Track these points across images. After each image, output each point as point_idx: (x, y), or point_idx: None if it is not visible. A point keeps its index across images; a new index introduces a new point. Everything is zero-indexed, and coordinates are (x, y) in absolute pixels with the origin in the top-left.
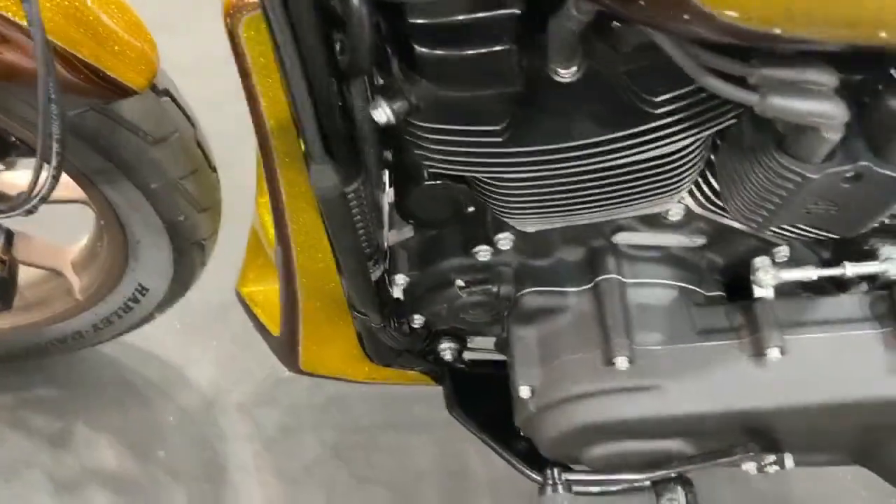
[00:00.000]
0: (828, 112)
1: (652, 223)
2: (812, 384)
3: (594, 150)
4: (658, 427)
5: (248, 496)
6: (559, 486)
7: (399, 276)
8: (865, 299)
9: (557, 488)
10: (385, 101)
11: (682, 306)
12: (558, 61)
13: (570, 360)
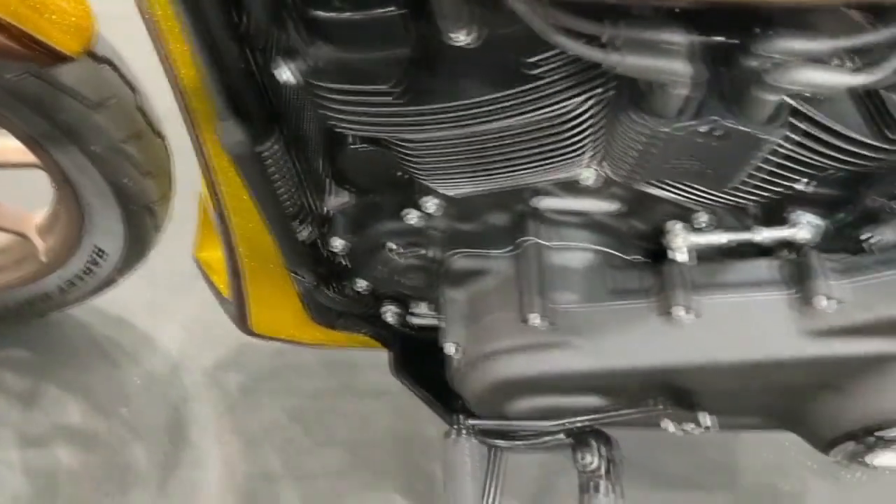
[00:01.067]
0: (677, 70)
1: (569, 189)
2: (718, 344)
3: (480, 111)
4: (572, 382)
5: (206, 454)
6: (464, 431)
7: (337, 239)
8: (775, 264)
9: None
10: (285, 62)
11: (598, 269)
12: (447, 25)
13: (492, 318)
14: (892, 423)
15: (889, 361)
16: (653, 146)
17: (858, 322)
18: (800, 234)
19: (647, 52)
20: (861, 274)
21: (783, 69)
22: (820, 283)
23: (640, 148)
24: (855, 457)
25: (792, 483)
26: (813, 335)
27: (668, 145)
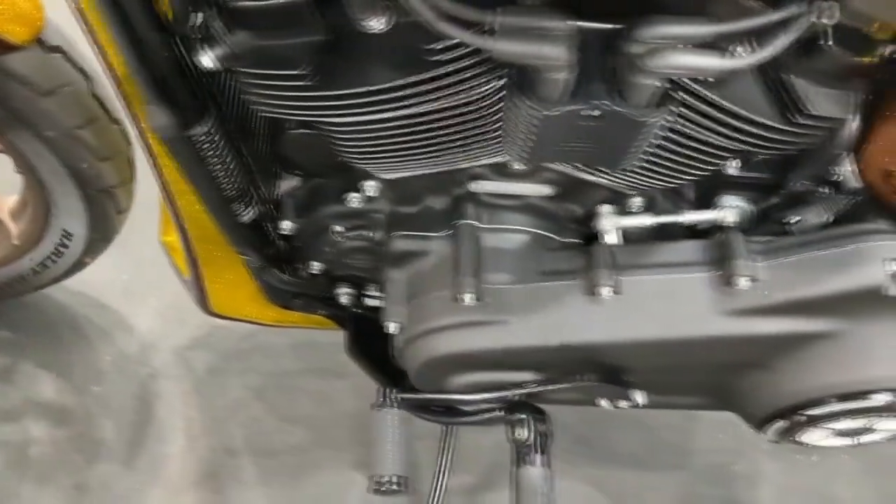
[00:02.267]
0: (552, 54)
1: (501, 172)
2: (640, 322)
3: (390, 97)
4: (503, 358)
5: (171, 429)
6: (391, 403)
7: (285, 222)
8: (701, 245)
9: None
10: (205, 49)
11: (531, 250)
12: (356, 12)
13: (429, 297)
14: (818, 402)
15: (810, 340)
16: (540, 129)
17: (777, 302)
18: (726, 216)
19: (523, 38)
20: (781, 255)
21: (658, 54)
22: (740, 263)
23: (529, 131)
24: (786, 435)
25: (745, 464)
26: (733, 314)
27: (553, 128)
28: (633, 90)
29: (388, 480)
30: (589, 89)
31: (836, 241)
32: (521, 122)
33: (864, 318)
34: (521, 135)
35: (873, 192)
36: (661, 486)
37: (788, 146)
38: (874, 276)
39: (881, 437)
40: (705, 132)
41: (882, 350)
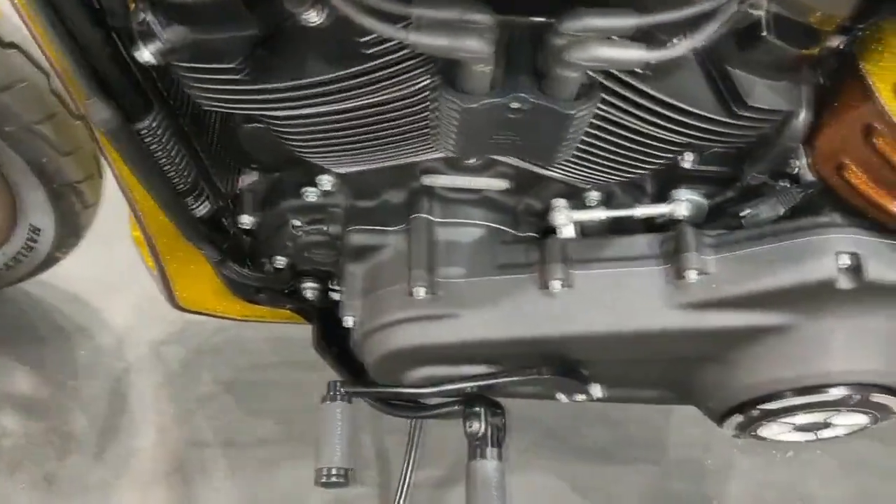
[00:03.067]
0: (472, 47)
1: (454, 166)
2: (592, 315)
3: (325, 90)
4: (458, 352)
5: (143, 422)
6: (339, 396)
7: (245, 216)
8: (655, 239)
9: (337, 398)
10: (144, 43)
11: (487, 244)
12: (291, 4)
13: (384, 292)
14: (773, 396)
15: (763, 334)
16: (464, 122)
17: (727, 295)
18: (677, 210)
19: (442, 31)
20: (732, 248)
21: (580, 46)
22: (690, 256)
23: (454, 124)
24: (744, 429)
25: (717, 459)
26: (683, 308)
27: (480, 121)
28: (557, 83)
29: (332, 473)
30: (514, 82)
31: (788, 234)
32: (446, 116)
33: (818, 312)
34: (449, 128)
35: (826, 184)
36: (629, 481)
37: (734, 139)
38: (826, 269)
39: (841, 432)
40: (646, 125)
41: (836, 344)
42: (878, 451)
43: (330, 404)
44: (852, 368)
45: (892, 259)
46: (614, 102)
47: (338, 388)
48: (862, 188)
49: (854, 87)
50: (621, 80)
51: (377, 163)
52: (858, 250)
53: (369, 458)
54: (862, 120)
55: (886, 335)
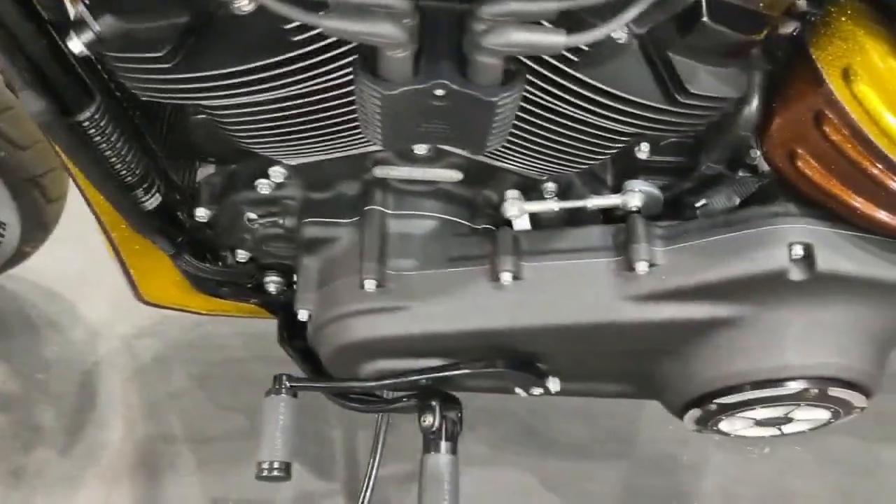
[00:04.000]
0: (386, 33)
1: (406, 157)
2: (543, 308)
3: (254, 79)
4: (409, 345)
5: (111, 415)
6: (283, 390)
7: (200, 209)
8: (607, 230)
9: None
10: (75, 34)
11: (440, 236)
12: None
13: (336, 284)
14: (729, 390)
15: (716, 326)
16: (385, 110)
17: (676, 286)
18: (631, 201)
19: (355, 16)
20: (683, 240)
21: (496, 31)
22: (640, 248)
23: (377, 113)
24: (705, 424)
25: (693, 455)
26: (633, 300)
27: (402, 109)
28: (477, 69)
29: (273, 467)
30: (436, 69)
31: (740, 224)
32: (369, 105)
33: (771, 304)
34: (374, 118)
35: (780, 174)
36: (603, 476)
37: (681, 127)
38: (777, 260)
39: (803, 427)
40: (586, 114)
41: (791, 337)
42: (856, 448)
43: (273, 398)
44: (809, 362)
45: (847, 249)
46: (549, 89)
47: (283, 381)
48: (814, 177)
49: (805, 73)
50: (555, 67)
51: (321, 154)
52: (811, 240)
53: (338, 453)
54: (812, 107)
55: (844, 328)
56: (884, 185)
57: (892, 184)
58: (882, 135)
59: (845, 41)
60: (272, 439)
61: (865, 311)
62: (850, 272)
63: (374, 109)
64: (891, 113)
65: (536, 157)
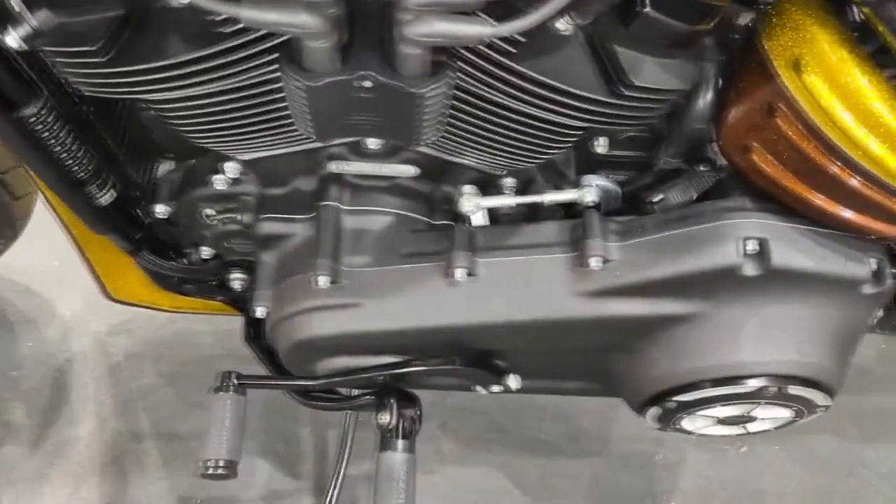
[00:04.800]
0: (304, 23)
1: (359, 152)
2: (496, 304)
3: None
4: (365, 342)
5: (82, 412)
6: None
7: (159, 206)
8: (563, 226)
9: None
10: (11, 28)
11: (395, 232)
12: None
13: (290, 281)
14: (687, 388)
15: (671, 323)
16: (311, 102)
17: (629, 282)
18: (586, 196)
19: (274, 6)
20: (637, 235)
21: (417, 21)
22: (594, 243)
23: (303, 105)
24: (665, 422)
25: (668, 454)
26: (587, 296)
27: (328, 101)
28: (402, 60)
29: (218, 465)
30: (361, 60)
31: (693, 219)
32: (296, 97)
33: (726, 300)
34: (303, 110)
35: (735, 168)
36: (576, 475)
37: (628, 120)
38: (729, 255)
39: (768, 426)
40: (527, 106)
41: (748, 334)
42: (837, 447)
43: (220, 395)
44: (766, 359)
45: (803, 245)
46: (489, 81)
47: (230, 378)
48: (768, 171)
49: (756, 65)
50: (493, 59)
51: (267, 149)
52: (765, 235)
53: (307, 451)
54: (764, 99)
55: (802, 325)
56: (836, 177)
57: (843, 176)
58: (832, 126)
59: (796, 31)
60: (217, 437)
61: (824, 308)
62: (806, 267)
63: (300, 102)
64: (841, 104)
65: (488, 151)
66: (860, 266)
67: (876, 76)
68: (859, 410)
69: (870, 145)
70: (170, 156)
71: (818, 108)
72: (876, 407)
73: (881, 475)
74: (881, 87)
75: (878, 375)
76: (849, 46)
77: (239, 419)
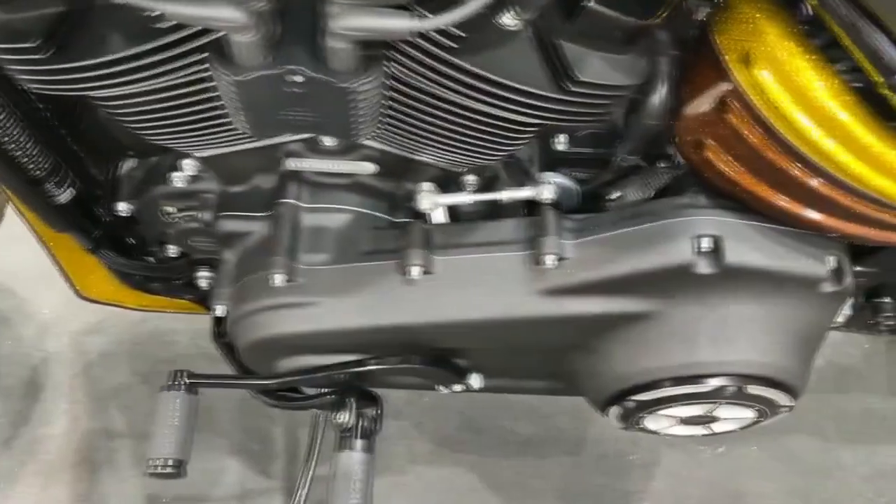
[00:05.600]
0: (227, 17)
1: (315, 149)
2: (452, 302)
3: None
4: (322, 341)
5: (55, 411)
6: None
7: (120, 204)
8: (519, 223)
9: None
10: None
11: (354, 229)
12: None
13: (248, 279)
14: (645, 387)
15: (628, 322)
16: (242, 97)
17: (583, 280)
18: (543, 193)
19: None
20: (592, 233)
21: (342, 15)
22: (549, 241)
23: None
24: (628, 421)
25: (643, 455)
26: (542, 294)
27: (259, 96)
28: (331, 54)
29: (161, 463)
30: (290, 54)
31: (647, 216)
32: (225, 92)
33: (682, 298)
34: (236, 106)
35: (690, 164)
36: (550, 475)
37: (574, 116)
38: (682, 253)
39: (732, 426)
40: (473, 101)
41: (705, 333)
42: (816, 448)
43: (168, 393)
44: (723, 359)
45: (758, 242)
46: (432, 76)
47: (181, 377)
48: (721, 167)
49: (708, 59)
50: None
51: (216, 147)
52: (719, 233)
53: (280, 451)
54: (716, 94)
55: (760, 324)
56: (789, 174)
57: (796, 173)
58: (783, 121)
59: (745, 25)
60: (164, 436)
61: (783, 307)
62: (762, 265)
63: (231, 97)
64: (789, 98)
65: (443, 148)
66: (819, 264)
67: (825, 70)
68: (841, 410)
69: (820, 141)
70: (131, 153)
71: (768, 104)
72: (859, 407)
73: (861, 476)
74: (830, 82)
75: (862, 375)
76: (798, 40)
77: (189, 418)
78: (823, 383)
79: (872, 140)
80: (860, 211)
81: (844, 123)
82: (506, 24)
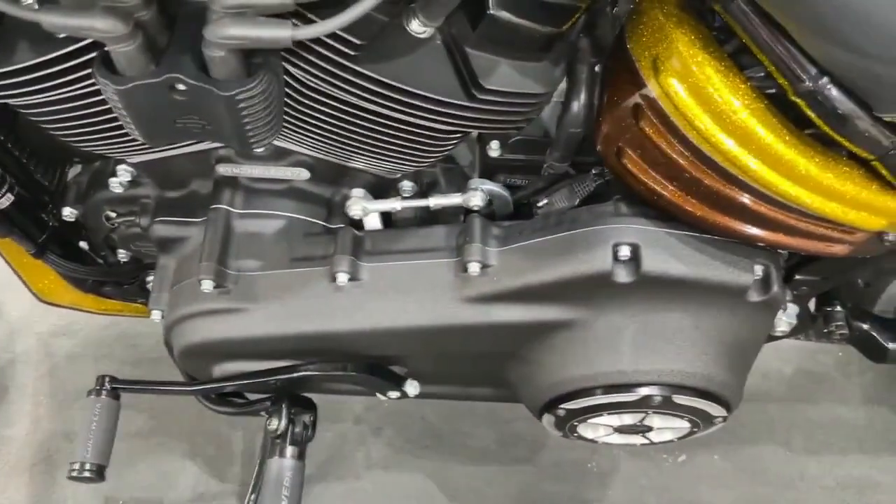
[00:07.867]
0: (103, 27)
1: (245, 155)
2: (378, 309)
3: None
4: (253, 347)
5: (18, 412)
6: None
7: (66, 209)
8: (448, 230)
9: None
10: None
11: (287, 236)
12: None
13: (181, 285)
14: (572, 395)
15: (551, 330)
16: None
17: (507, 288)
18: (472, 200)
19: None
20: (517, 240)
21: (217, 24)
22: (473, 248)
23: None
24: (563, 429)
25: (602, 462)
26: (467, 301)
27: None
28: (211, 63)
29: (82, 468)
30: (173, 62)
31: (569, 224)
32: (111, 101)
33: (604, 307)
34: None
35: (612, 171)
36: (506, 482)
37: (486, 123)
38: (601, 261)
39: (668, 436)
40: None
41: (627, 342)
42: (780, 458)
43: (92, 398)
44: (646, 368)
45: (678, 251)
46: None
47: (104, 382)
48: (638, 174)
49: (622, 65)
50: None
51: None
52: (638, 241)
53: (236, 454)
54: (630, 101)
55: (686, 333)
56: (703, 181)
57: (710, 180)
58: (691, 128)
59: (655, 31)
60: (85, 441)
61: (709, 316)
62: (683, 274)
63: (116, 105)
64: (697, 104)
65: (367, 155)
66: (744, 273)
67: (734, 78)
68: (809, 419)
69: (731, 149)
70: (76, 159)
71: (677, 111)
72: (827, 416)
73: (824, 488)
74: (738, 88)
75: (834, 384)
76: (707, 47)
77: (109, 423)
78: (794, 391)
79: (782, 148)
80: (777, 219)
81: (753, 132)
82: (415, 31)
